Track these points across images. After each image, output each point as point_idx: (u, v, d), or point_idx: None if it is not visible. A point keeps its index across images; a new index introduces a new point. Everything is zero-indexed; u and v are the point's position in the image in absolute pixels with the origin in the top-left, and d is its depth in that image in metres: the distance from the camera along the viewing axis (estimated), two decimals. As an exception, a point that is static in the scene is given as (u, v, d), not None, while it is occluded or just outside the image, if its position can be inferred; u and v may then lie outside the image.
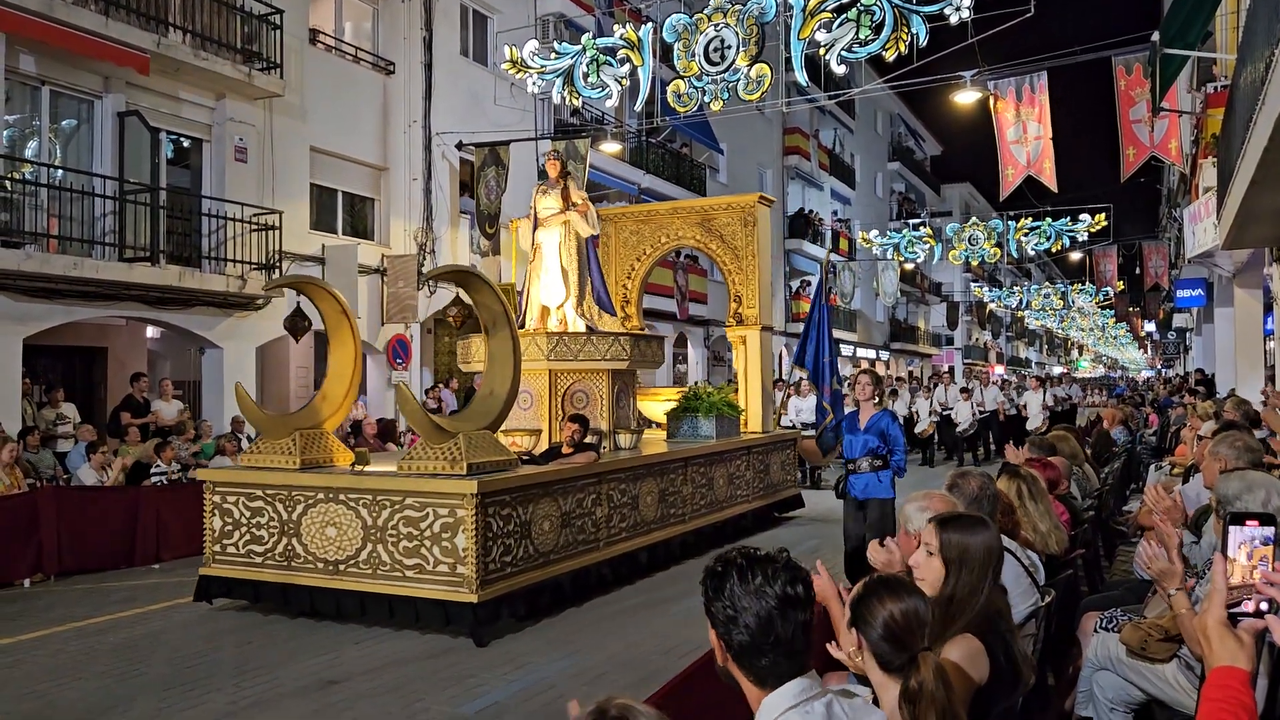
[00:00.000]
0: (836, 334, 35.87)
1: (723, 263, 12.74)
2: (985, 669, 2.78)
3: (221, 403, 13.66)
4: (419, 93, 17.48)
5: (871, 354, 41.31)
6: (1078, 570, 5.55)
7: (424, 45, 17.58)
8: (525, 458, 8.10)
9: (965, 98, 14.66)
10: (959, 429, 20.00)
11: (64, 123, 12.72)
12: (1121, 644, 3.89)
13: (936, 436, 20.36)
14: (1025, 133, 14.48)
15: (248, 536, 7.64)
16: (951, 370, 28.75)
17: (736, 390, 12.48)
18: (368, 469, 7.68)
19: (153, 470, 10.66)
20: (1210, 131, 14.01)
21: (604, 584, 8.32)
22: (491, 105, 18.13)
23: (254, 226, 14.06)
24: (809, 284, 35.03)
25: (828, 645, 2.80)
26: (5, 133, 11.72)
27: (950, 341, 50.92)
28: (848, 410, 7.98)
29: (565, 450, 8.34)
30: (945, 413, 20.21)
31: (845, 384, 9.43)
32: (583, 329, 9.82)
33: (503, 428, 8.94)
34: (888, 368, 41.04)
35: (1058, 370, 60.82)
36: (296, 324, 8.50)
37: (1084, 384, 45.31)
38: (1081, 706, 4.19)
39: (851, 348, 38.52)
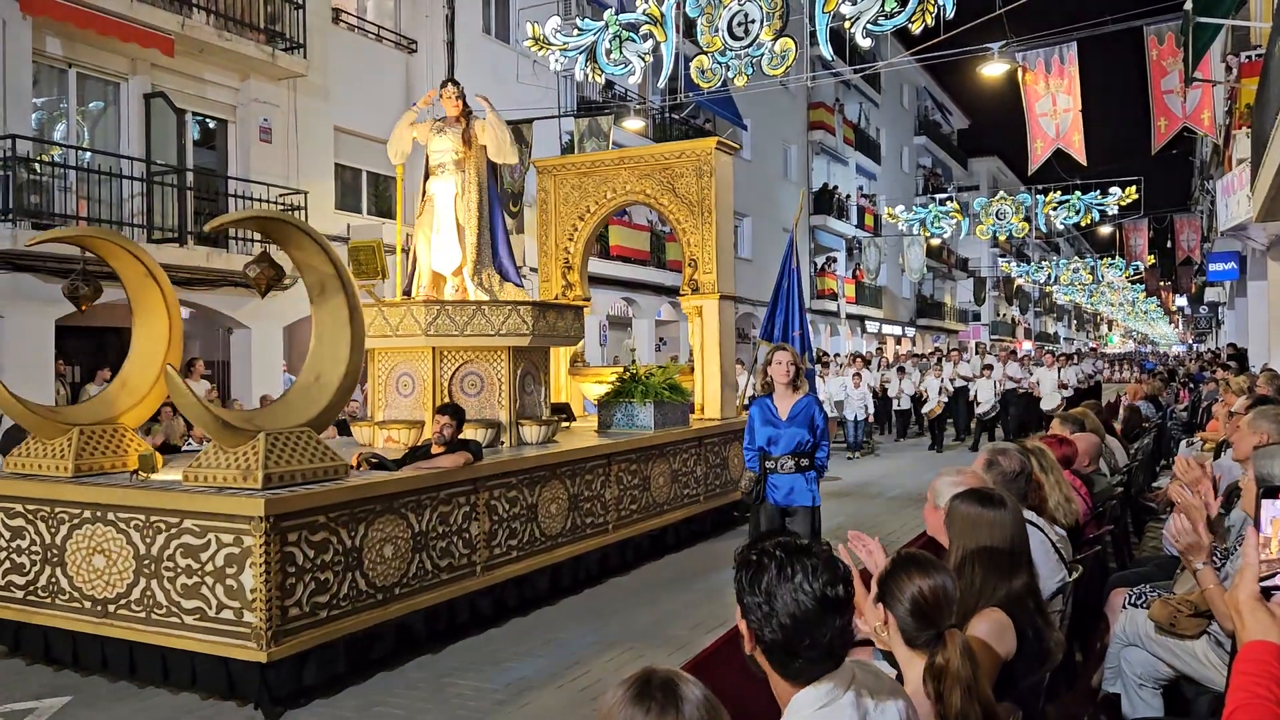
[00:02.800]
0: (862, 310, 36.08)
1: (676, 220, 10.80)
2: (1012, 643, 2.78)
3: (250, 382, 13.81)
4: (441, 71, 17.44)
5: (898, 330, 41.10)
6: (1106, 546, 5.51)
7: (446, 23, 17.55)
8: (374, 461, 6.33)
9: (993, 70, 14.46)
10: (980, 410, 18.69)
11: (91, 105, 12.83)
12: (1150, 620, 3.86)
13: (953, 415, 19.28)
14: (1054, 105, 14.27)
15: (7, 564, 5.91)
16: (962, 346, 28.07)
17: (693, 370, 10.76)
18: (154, 478, 5.81)
19: (184, 450, 10.79)
20: (1244, 102, 13.77)
21: (480, 621, 6.61)
22: (514, 83, 18.08)
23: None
24: (835, 260, 34.86)
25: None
26: (34, 115, 11.83)
27: (977, 317, 50.54)
28: (799, 396, 6.23)
29: (435, 450, 6.56)
30: (959, 386, 19.08)
31: (818, 360, 8.83)
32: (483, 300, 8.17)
33: (380, 419, 7.97)
34: (914, 344, 40.80)
35: (1088, 345, 60.20)
36: (76, 290, 6.25)
37: (1112, 359, 44.88)
38: (1109, 683, 4.17)
39: (877, 324, 38.34)
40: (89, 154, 12.40)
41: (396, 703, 5.26)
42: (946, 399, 18.82)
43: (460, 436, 6.70)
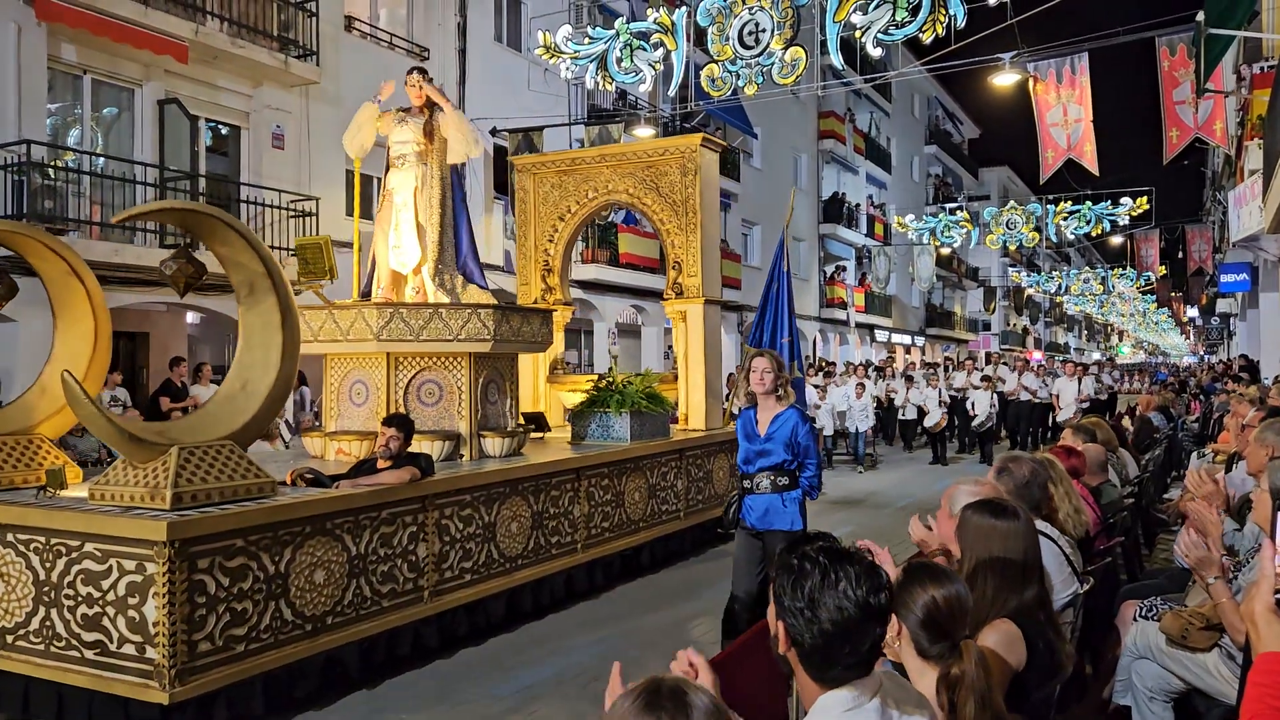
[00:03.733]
0: (871, 319, 35.98)
1: (659, 221, 10.30)
2: (1023, 655, 2.76)
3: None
4: (453, 79, 17.53)
5: (907, 339, 41.00)
6: (1116, 558, 5.48)
7: (458, 31, 17.62)
8: (309, 477, 5.85)
9: (1004, 80, 14.45)
10: (975, 422, 17.93)
11: (105, 111, 12.91)
12: (1162, 633, 3.84)
13: (951, 428, 18.56)
14: (1065, 115, 14.26)
15: None
16: (972, 355, 27.58)
17: (676, 378, 10.26)
18: (64, 495, 5.33)
19: None
20: (1256, 113, 13.72)
21: (424, 653, 6.11)
22: (525, 91, 18.12)
23: (292, 213, 14.19)
24: (844, 269, 34.80)
25: None
26: (48, 121, 11.91)
27: (987, 327, 50.39)
28: (773, 407, 5.61)
29: (381, 465, 6.07)
30: (957, 397, 18.49)
31: (806, 369, 8.54)
32: (444, 302, 7.69)
33: (333, 429, 7.47)
34: (923, 353, 40.70)
35: (1096, 355, 59.99)
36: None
37: (1122, 370, 44.68)
38: (1120, 695, 4.15)
39: (887, 333, 38.26)
40: (103, 160, 12.47)
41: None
42: (946, 409, 18.25)
43: (409, 450, 6.23)
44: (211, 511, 4.86)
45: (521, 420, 8.54)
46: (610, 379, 9.21)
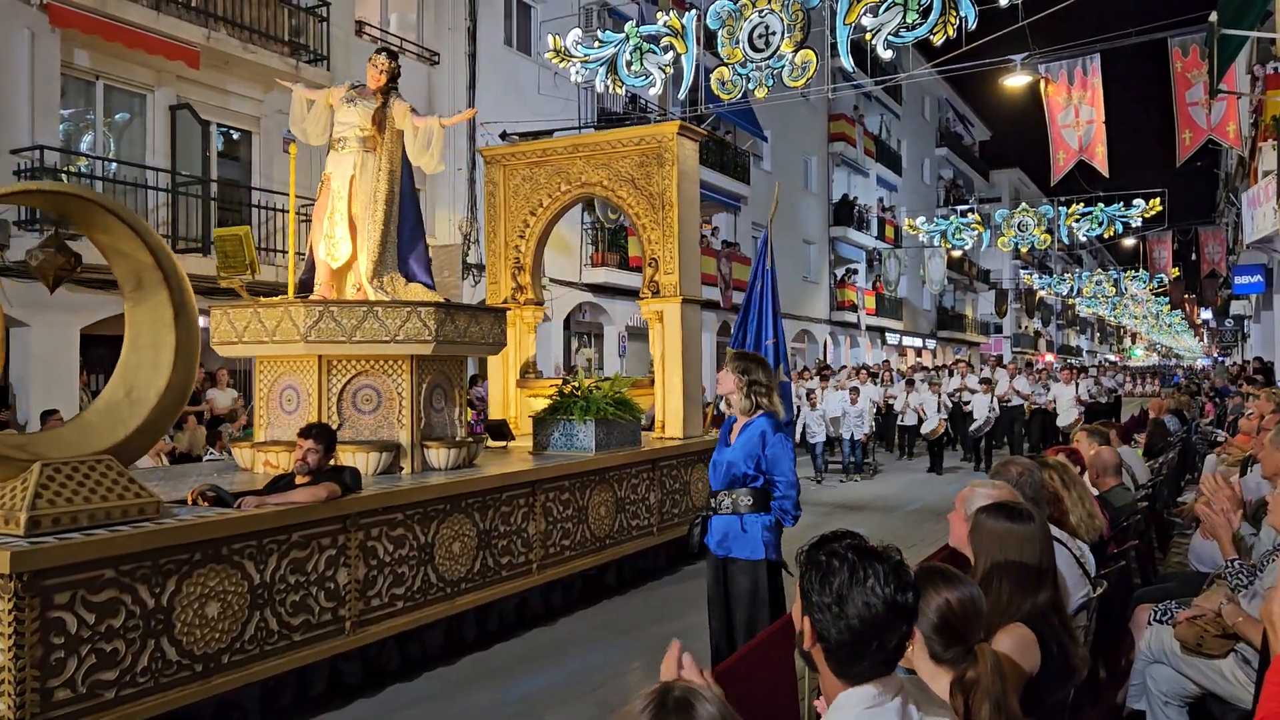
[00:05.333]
0: (882, 322, 35.92)
1: (635, 215, 9.62)
2: (1037, 659, 2.74)
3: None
4: (463, 83, 17.57)
5: (918, 342, 40.91)
6: (1130, 562, 5.45)
7: (468, 35, 17.66)
8: (211, 495, 5.23)
9: (1015, 81, 14.41)
10: (973, 427, 17.22)
11: (117, 116, 12.98)
12: (1176, 640, 3.82)
13: (950, 436, 17.80)
14: (1077, 116, 14.21)
15: None
16: (970, 360, 26.80)
17: (652, 382, 9.64)
18: None
19: (206, 459, 10.85)
20: (1270, 114, 13.64)
21: (344, 691, 5.47)
22: (535, 95, 18.16)
23: (303, 218, 14.23)
24: (855, 271, 34.75)
25: None
26: (61, 127, 11.99)
27: (999, 330, 50.25)
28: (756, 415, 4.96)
29: (299, 480, 5.46)
30: (958, 404, 17.73)
31: (802, 371, 7.56)
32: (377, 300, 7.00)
33: (262, 439, 6.87)
34: (935, 356, 40.59)
35: (1111, 358, 59.73)
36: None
37: (1134, 373, 44.51)
38: (1134, 700, 4.12)
39: (898, 336, 38.17)
40: (115, 165, 12.54)
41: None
42: (946, 416, 17.37)
43: (333, 463, 5.64)
44: (74, 538, 4.20)
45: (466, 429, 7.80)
46: (576, 383, 8.53)
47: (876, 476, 16.29)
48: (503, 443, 8.71)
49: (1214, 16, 11.35)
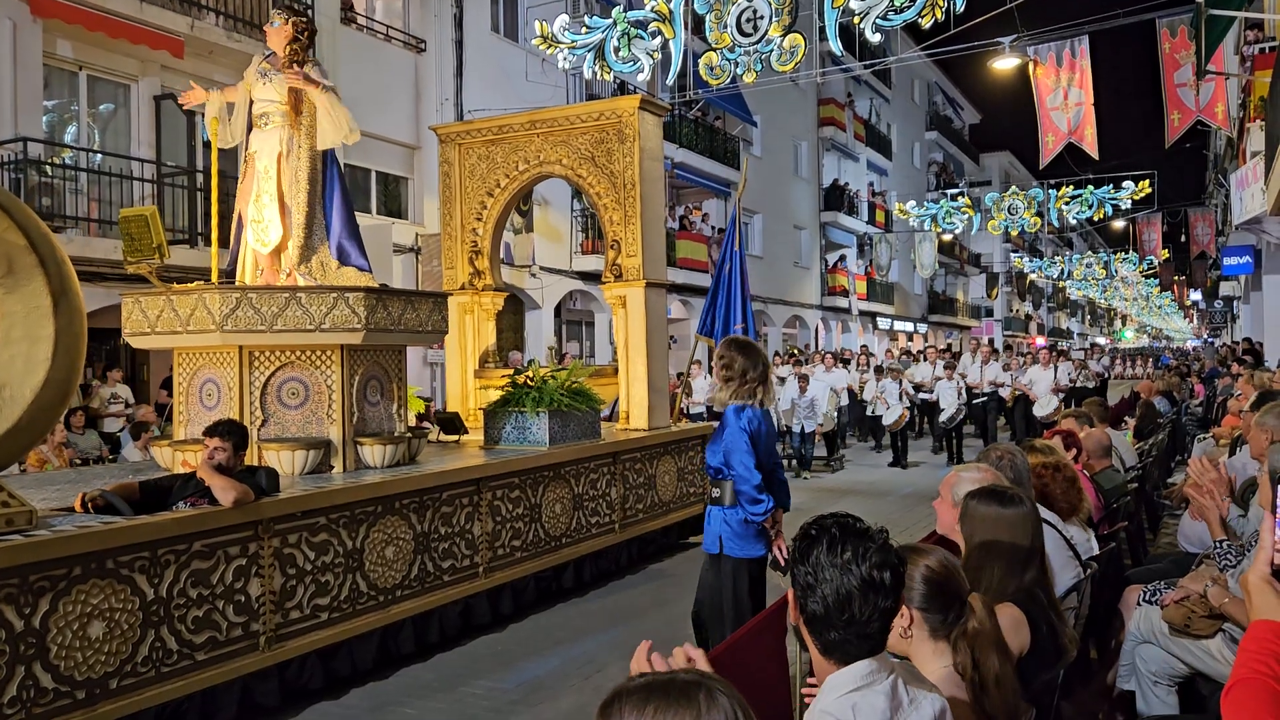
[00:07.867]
0: (873, 307, 35.94)
1: (596, 195, 9.11)
2: (1026, 639, 2.77)
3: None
4: (450, 70, 17.48)
5: (909, 327, 40.97)
6: (1120, 543, 5.47)
7: (455, 22, 17.56)
8: (102, 502, 4.84)
9: (1004, 64, 14.40)
10: (943, 417, 15.52)
11: (101, 107, 12.89)
12: (1165, 622, 3.84)
13: (919, 428, 16.93)
14: (1066, 99, 14.21)
15: None
16: (949, 346, 25.61)
17: (616, 371, 9.19)
18: None
19: (136, 460, 10.78)
20: (1258, 95, 13.66)
21: (259, 714, 5.03)
22: (523, 81, 18.08)
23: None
24: (845, 257, 34.76)
25: None
26: (45, 118, 11.90)
27: (990, 313, 50.36)
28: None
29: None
30: (922, 396, 16.64)
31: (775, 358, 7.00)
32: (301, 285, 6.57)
33: (181, 436, 6.40)
34: (925, 340, 40.67)
35: (1091, 341, 59.90)
36: None
37: (1124, 355, 44.68)
38: (1124, 680, 4.14)
39: (889, 320, 38.21)
40: (100, 156, 12.46)
41: None
42: (909, 406, 16.02)
43: (246, 464, 5.24)
44: None
45: (411, 425, 7.36)
46: (529, 373, 7.93)
47: (839, 472, 14.94)
48: (455, 437, 8.30)
49: (1202, -3, 11.34)
